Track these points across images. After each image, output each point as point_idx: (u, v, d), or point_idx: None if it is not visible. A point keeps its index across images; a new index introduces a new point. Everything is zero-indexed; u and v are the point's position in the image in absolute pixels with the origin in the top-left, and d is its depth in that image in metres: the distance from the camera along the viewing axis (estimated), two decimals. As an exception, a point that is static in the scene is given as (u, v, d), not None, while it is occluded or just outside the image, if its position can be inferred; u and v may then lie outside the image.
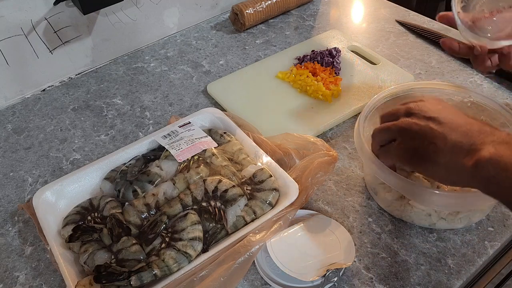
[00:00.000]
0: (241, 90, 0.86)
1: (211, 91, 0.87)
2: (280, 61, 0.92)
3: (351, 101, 0.81)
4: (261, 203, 0.62)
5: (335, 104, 0.81)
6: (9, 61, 0.86)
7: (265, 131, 0.75)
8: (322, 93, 0.82)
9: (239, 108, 0.82)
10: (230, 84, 0.88)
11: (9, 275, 0.62)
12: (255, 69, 0.91)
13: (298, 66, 0.89)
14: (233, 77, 0.90)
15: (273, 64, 0.92)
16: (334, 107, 0.80)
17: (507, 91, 0.82)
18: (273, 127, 0.77)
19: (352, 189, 0.69)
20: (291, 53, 0.94)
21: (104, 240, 0.60)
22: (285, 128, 0.75)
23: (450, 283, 0.57)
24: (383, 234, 0.62)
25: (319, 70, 0.87)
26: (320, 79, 0.84)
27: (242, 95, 0.85)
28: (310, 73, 0.86)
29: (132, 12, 0.96)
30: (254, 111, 0.81)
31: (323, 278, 0.55)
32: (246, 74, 0.91)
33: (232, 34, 1.05)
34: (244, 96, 0.85)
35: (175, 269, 0.56)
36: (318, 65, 0.88)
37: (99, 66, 0.98)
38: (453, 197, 0.56)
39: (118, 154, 0.71)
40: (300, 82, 0.85)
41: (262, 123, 0.77)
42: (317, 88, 0.82)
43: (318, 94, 0.82)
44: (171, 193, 0.64)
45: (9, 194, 0.73)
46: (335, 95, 0.82)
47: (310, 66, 0.88)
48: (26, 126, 0.85)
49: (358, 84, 0.85)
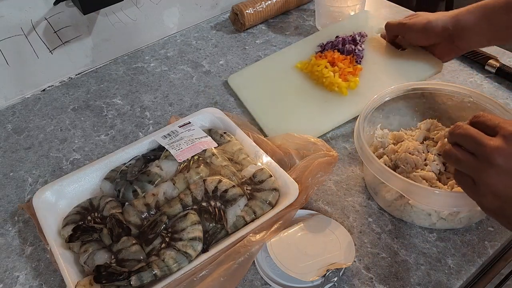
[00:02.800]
0: (259, 82, 0.83)
1: (231, 83, 0.86)
2: (303, 49, 0.88)
3: (368, 95, 0.72)
4: (261, 203, 0.62)
5: (349, 99, 0.76)
6: (9, 61, 0.86)
7: (271, 130, 0.74)
8: (337, 85, 0.77)
9: (253, 103, 0.79)
10: (250, 75, 0.86)
11: (9, 275, 0.62)
12: (276, 59, 0.88)
13: (318, 55, 0.84)
14: (254, 68, 0.87)
15: (295, 53, 0.87)
16: (347, 102, 0.76)
17: (507, 91, 0.82)
18: (278, 125, 0.75)
19: (352, 189, 0.69)
20: (315, 40, 0.89)
21: (104, 240, 0.60)
22: (287, 128, 0.73)
23: (450, 283, 0.57)
24: (383, 234, 0.62)
25: (338, 60, 0.81)
26: (338, 70, 0.79)
27: (259, 88, 0.82)
28: (328, 63, 0.80)
29: (132, 12, 0.96)
30: (266, 106, 0.79)
31: (323, 278, 0.55)
32: (267, 64, 0.87)
33: (232, 34, 1.05)
34: (261, 90, 0.82)
35: (175, 269, 0.56)
36: (338, 54, 0.82)
37: (99, 66, 0.98)
38: (453, 197, 0.56)
39: (118, 154, 0.71)
40: (317, 73, 0.80)
41: (269, 120, 0.76)
42: (333, 80, 0.77)
43: (334, 87, 0.77)
44: (171, 193, 0.64)
45: (9, 194, 0.73)
46: (351, 87, 0.77)
47: (330, 55, 0.82)
48: (26, 126, 0.85)
49: (379, 74, 0.79)
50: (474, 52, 0.88)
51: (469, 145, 0.48)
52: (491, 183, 0.46)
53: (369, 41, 0.85)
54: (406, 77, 0.78)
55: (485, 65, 0.86)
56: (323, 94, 0.78)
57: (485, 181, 0.46)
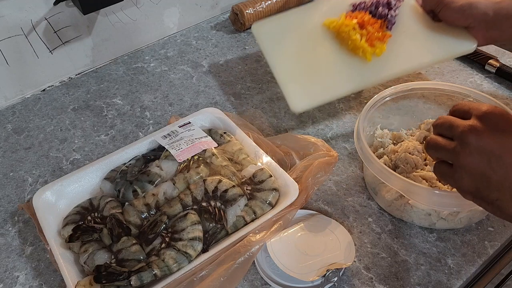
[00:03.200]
0: (284, 34, 0.77)
1: (255, 31, 0.80)
2: (335, 4, 0.80)
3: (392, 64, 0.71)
4: (261, 203, 0.62)
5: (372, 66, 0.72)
6: (9, 61, 0.86)
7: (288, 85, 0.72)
8: (362, 49, 0.71)
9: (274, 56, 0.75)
10: (277, 25, 0.79)
11: (9, 275, 0.62)
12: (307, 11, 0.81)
13: (349, 14, 0.77)
14: (282, 19, 0.81)
15: (327, 8, 0.80)
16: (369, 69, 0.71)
17: (507, 91, 0.82)
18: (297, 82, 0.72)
19: (352, 189, 0.69)
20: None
21: (104, 240, 0.60)
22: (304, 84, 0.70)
23: (450, 283, 0.57)
24: (383, 234, 0.62)
25: (368, 23, 0.74)
26: (366, 33, 0.73)
27: (282, 40, 0.76)
28: (357, 25, 0.74)
29: (132, 12, 0.96)
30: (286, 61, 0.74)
31: (323, 278, 0.55)
32: (296, 16, 0.80)
33: (232, 34, 1.05)
34: (284, 43, 0.76)
35: (175, 269, 0.56)
36: (369, 17, 0.75)
37: (99, 66, 0.98)
38: (453, 197, 0.56)
39: (118, 154, 0.71)
40: (344, 34, 0.74)
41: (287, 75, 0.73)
42: (358, 44, 0.72)
43: (358, 51, 0.72)
44: (171, 193, 0.64)
45: (9, 194, 0.73)
46: (377, 54, 0.72)
47: (360, 17, 0.75)
48: (26, 126, 0.85)
49: (408, 45, 0.74)
50: (474, 52, 0.88)
51: (446, 131, 0.48)
52: (466, 163, 0.45)
53: (404, 7, 0.77)
54: (436, 51, 0.73)
55: (485, 65, 0.86)
56: (346, 57, 0.73)
57: (461, 162, 0.46)
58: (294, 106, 0.71)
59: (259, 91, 0.88)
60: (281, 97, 0.86)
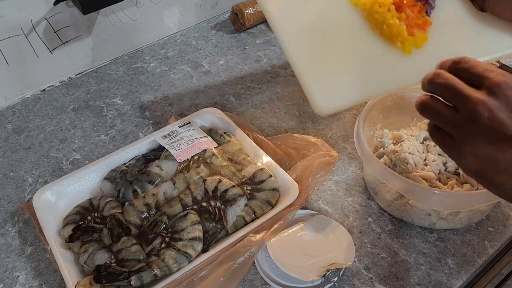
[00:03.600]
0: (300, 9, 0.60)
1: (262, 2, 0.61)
2: None
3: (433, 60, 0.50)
4: (261, 203, 0.62)
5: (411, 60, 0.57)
6: (9, 61, 0.86)
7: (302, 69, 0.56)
8: (402, 39, 0.57)
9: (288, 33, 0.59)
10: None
11: (9, 275, 0.62)
12: None
13: None
14: None
15: None
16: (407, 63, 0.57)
17: (507, 91, 0.82)
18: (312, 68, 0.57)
19: (352, 189, 0.69)
20: None
21: (104, 240, 0.60)
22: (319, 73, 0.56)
23: (450, 283, 0.57)
24: (383, 234, 0.62)
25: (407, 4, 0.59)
26: (405, 18, 0.58)
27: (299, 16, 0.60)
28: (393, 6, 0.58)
29: (132, 12, 0.96)
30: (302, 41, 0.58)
31: (323, 278, 0.55)
32: None
33: (232, 34, 1.05)
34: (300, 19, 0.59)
35: (175, 269, 0.56)
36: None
37: (99, 66, 0.98)
38: (453, 197, 0.56)
39: (118, 154, 0.71)
40: (377, 16, 0.58)
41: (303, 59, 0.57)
42: (398, 31, 0.57)
43: (397, 40, 0.57)
44: (171, 193, 0.64)
45: (9, 194, 0.73)
46: (417, 45, 0.57)
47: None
48: (26, 126, 0.85)
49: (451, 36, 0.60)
50: (474, 52, 0.87)
51: (449, 98, 0.41)
52: (472, 143, 0.40)
53: None
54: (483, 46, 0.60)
55: (485, 65, 0.86)
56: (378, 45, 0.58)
57: (466, 140, 0.40)
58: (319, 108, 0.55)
59: (259, 91, 0.88)
60: (281, 97, 0.86)
